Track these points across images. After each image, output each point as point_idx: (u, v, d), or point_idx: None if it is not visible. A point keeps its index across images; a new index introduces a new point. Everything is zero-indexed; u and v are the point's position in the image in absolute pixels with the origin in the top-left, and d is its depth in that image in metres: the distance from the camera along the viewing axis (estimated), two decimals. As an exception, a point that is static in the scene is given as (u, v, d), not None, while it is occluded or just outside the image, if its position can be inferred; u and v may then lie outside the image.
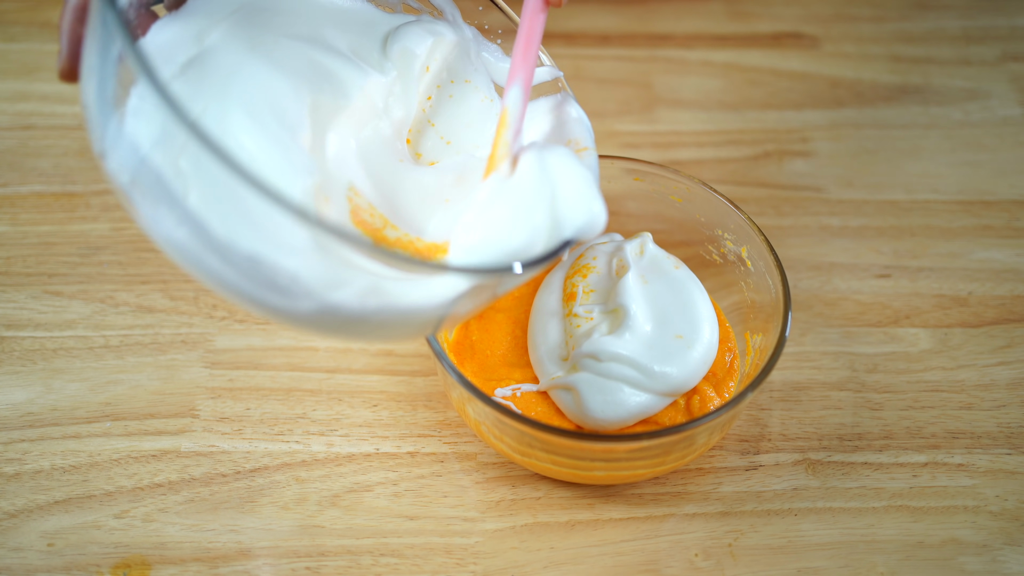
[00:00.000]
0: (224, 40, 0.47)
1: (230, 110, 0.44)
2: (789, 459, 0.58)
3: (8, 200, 0.71)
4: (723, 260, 0.61)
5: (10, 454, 0.58)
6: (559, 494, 0.57)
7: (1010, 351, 0.64)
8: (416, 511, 0.56)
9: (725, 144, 0.78)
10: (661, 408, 0.55)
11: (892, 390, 0.62)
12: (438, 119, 0.54)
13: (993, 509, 0.56)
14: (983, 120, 0.79)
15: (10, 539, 0.54)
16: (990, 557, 0.54)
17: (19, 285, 0.66)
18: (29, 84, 0.80)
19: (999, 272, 0.68)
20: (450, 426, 0.60)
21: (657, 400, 0.54)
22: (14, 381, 0.61)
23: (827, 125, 0.79)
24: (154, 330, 0.64)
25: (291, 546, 0.54)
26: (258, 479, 0.57)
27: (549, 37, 0.85)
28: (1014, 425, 0.60)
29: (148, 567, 0.53)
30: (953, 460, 0.58)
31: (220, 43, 0.46)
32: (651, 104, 0.80)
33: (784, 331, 0.53)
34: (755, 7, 0.89)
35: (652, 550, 0.55)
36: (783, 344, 0.53)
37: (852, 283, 0.68)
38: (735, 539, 0.55)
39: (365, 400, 0.61)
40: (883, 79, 0.83)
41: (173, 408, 0.60)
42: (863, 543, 0.55)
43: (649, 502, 0.57)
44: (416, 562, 0.54)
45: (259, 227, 0.40)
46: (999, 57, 0.85)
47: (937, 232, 0.71)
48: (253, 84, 0.46)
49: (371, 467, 0.58)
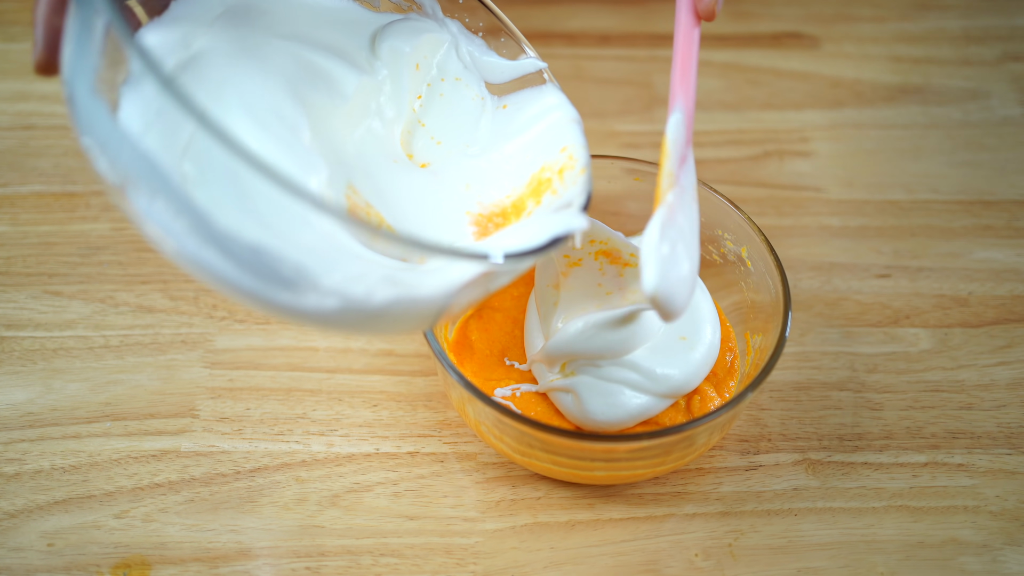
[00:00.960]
0: (214, 43, 0.46)
1: (230, 111, 0.44)
2: (789, 459, 0.59)
3: (8, 200, 0.71)
4: (723, 260, 0.61)
5: (10, 454, 0.58)
6: (559, 494, 0.57)
7: (1010, 351, 0.64)
8: (416, 511, 0.56)
9: (725, 144, 0.78)
10: (662, 409, 0.55)
11: (892, 390, 0.62)
12: (428, 118, 0.53)
13: (993, 509, 0.56)
14: (983, 120, 0.79)
15: (10, 539, 0.54)
16: (990, 557, 0.54)
17: (19, 285, 0.66)
18: (29, 84, 0.80)
19: (999, 272, 0.68)
20: (450, 426, 0.60)
21: (658, 402, 0.54)
22: (14, 381, 0.61)
23: (827, 125, 0.79)
24: (154, 330, 0.64)
25: (291, 546, 0.54)
26: (258, 479, 0.57)
27: (549, 37, 0.85)
28: (1014, 425, 0.60)
29: (148, 567, 0.53)
30: (953, 460, 0.58)
31: (210, 46, 0.46)
32: (651, 104, 0.80)
33: (784, 331, 0.53)
34: (755, 7, 0.89)
35: (652, 550, 0.55)
36: (783, 344, 0.53)
37: (852, 283, 0.68)
38: (735, 539, 0.55)
39: (365, 400, 0.61)
40: (883, 79, 0.83)
41: (173, 408, 0.60)
42: (863, 543, 0.55)
43: (649, 502, 0.57)
44: (416, 562, 0.54)
45: (264, 218, 0.39)
46: (999, 57, 0.85)
47: (937, 232, 0.71)
48: (249, 86, 0.45)
49: (371, 467, 0.58)
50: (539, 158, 0.51)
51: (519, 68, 0.54)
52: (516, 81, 0.54)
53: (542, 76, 0.53)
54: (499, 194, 0.51)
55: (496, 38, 0.54)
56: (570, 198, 0.48)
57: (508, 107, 0.54)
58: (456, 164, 0.52)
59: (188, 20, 0.47)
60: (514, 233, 0.46)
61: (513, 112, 0.53)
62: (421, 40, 0.52)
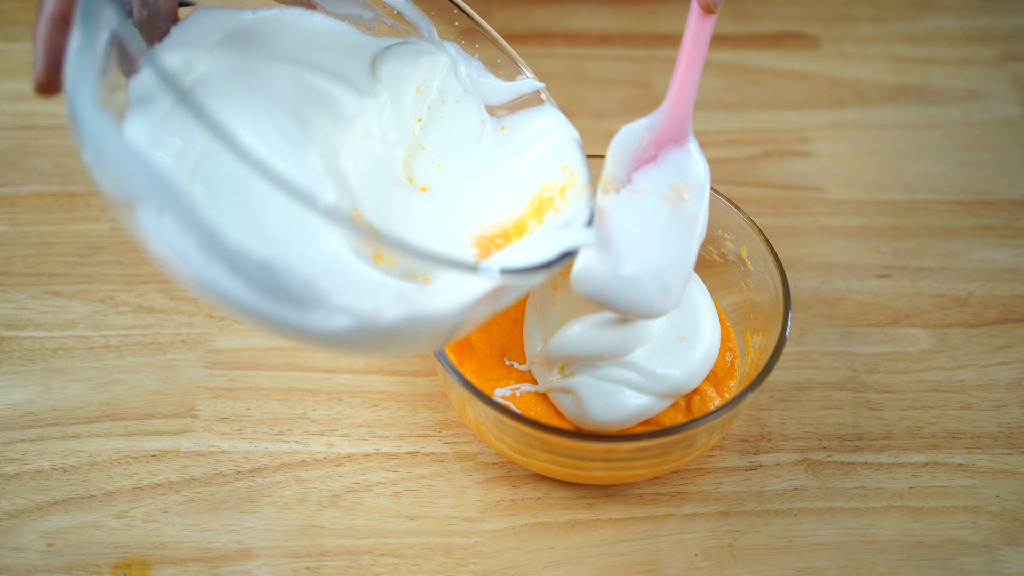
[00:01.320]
0: (216, 67, 0.46)
1: (238, 134, 0.43)
2: (789, 459, 0.59)
3: (8, 200, 0.71)
4: (723, 260, 0.61)
5: (10, 454, 0.58)
6: (559, 494, 0.57)
7: (1010, 351, 0.64)
8: (416, 511, 0.56)
9: (725, 144, 0.78)
10: (662, 409, 0.55)
11: (892, 390, 0.62)
12: (429, 142, 0.53)
13: (993, 509, 0.56)
14: (983, 120, 0.79)
15: (10, 539, 0.54)
16: (990, 557, 0.54)
17: (19, 285, 0.66)
18: (29, 84, 0.79)
19: (999, 272, 0.68)
20: (450, 426, 0.60)
21: (658, 402, 0.54)
22: (14, 381, 0.61)
23: (827, 125, 0.79)
24: (154, 330, 0.64)
25: (291, 546, 0.54)
26: (258, 479, 0.57)
27: (549, 37, 0.85)
28: (1014, 425, 0.60)
29: (148, 567, 0.53)
30: (953, 460, 0.58)
31: (212, 71, 0.46)
32: (651, 104, 0.80)
33: (784, 331, 0.53)
34: (755, 7, 0.89)
35: (652, 550, 0.55)
36: (783, 344, 0.53)
37: (852, 283, 0.68)
38: (735, 539, 0.55)
39: (365, 400, 0.61)
40: (883, 79, 0.83)
41: (173, 408, 0.60)
42: (863, 543, 0.55)
43: (649, 502, 0.57)
44: (416, 562, 0.54)
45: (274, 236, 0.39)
46: (999, 57, 0.85)
47: (937, 232, 0.71)
48: (255, 108, 0.45)
49: (371, 467, 0.58)
50: (540, 177, 0.51)
51: (517, 89, 0.54)
52: (514, 102, 0.54)
53: (540, 96, 0.53)
54: (500, 215, 0.51)
55: (493, 59, 0.54)
56: (572, 216, 0.48)
57: (507, 128, 0.54)
58: (456, 186, 0.52)
59: (189, 45, 0.47)
60: (520, 249, 0.46)
61: (512, 133, 0.53)
62: (421, 62, 0.52)
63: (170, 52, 0.46)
